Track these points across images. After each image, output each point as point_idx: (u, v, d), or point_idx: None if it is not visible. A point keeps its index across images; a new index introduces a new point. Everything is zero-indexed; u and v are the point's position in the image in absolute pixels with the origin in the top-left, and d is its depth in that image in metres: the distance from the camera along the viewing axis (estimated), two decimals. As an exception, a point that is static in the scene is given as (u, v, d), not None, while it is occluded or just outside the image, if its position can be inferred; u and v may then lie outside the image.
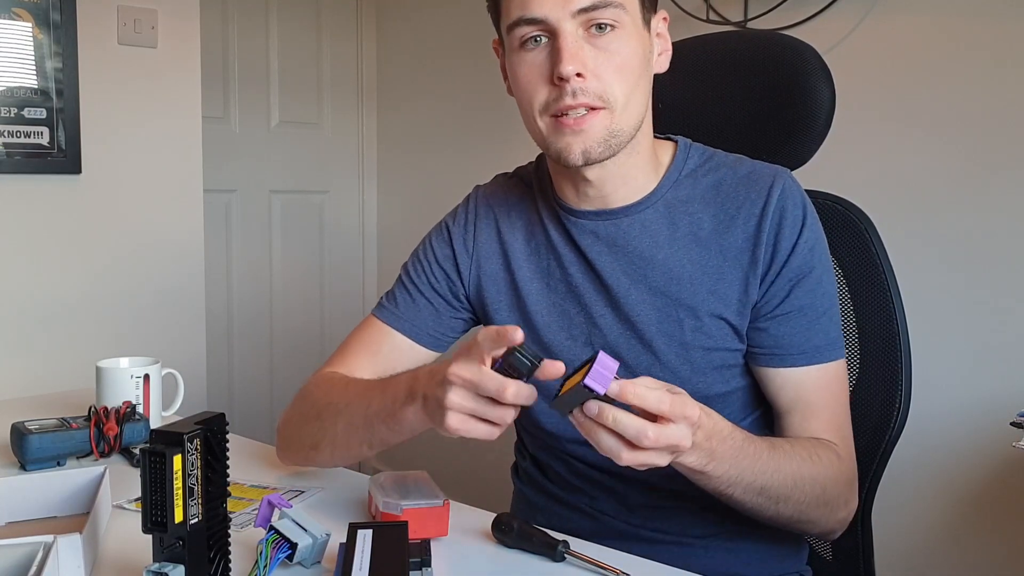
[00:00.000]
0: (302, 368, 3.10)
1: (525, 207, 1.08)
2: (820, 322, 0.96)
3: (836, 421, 0.98)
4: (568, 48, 0.89)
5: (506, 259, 1.07)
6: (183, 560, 0.68)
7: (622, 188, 0.99)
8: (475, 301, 1.09)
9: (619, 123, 0.92)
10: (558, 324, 1.02)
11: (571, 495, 1.06)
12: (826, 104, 1.09)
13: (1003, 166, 1.63)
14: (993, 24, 1.63)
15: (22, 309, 2.10)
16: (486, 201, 1.11)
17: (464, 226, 1.10)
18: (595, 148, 0.92)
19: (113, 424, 1.13)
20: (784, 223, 0.95)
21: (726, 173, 1.00)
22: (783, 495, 0.89)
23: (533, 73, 0.92)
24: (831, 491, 0.93)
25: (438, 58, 2.93)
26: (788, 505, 0.90)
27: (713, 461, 0.82)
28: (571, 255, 1.02)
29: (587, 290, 1.01)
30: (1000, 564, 1.65)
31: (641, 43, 0.94)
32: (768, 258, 0.95)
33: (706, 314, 0.96)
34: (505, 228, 1.08)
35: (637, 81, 0.93)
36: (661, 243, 0.98)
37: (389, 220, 3.22)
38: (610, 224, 1.00)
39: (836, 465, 0.94)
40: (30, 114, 2.06)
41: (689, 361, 0.97)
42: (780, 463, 0.88)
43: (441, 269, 1.10)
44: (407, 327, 1.10)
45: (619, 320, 0.99)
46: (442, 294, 1.10)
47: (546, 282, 1.04)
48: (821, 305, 0.97)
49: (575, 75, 0.89)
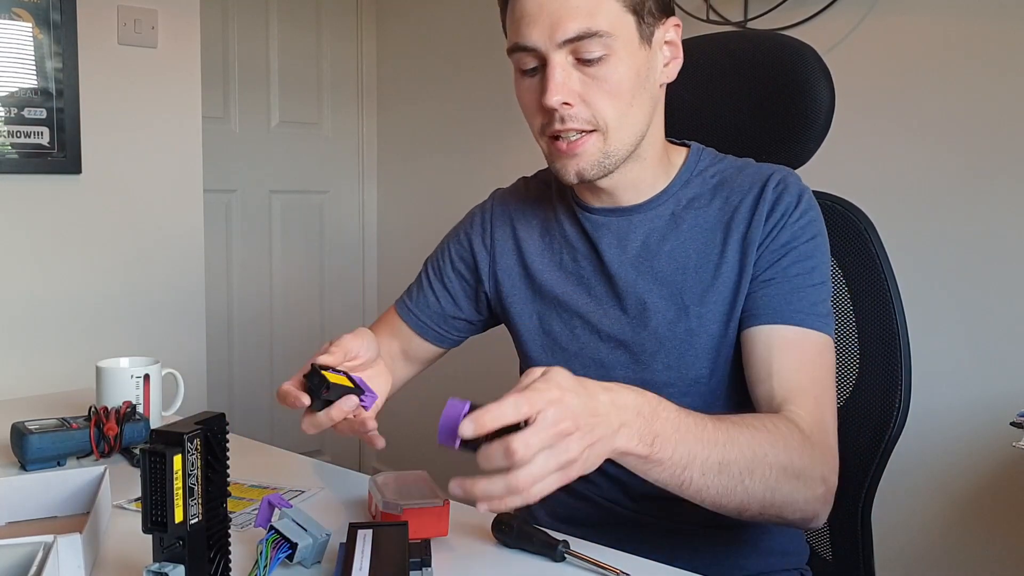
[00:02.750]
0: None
1: (543, 205, 1.13)
2: (805, 291, 0.96)
3: (810, 391, 0.92)
4: (555, 79, 0.91)
5: (520, 254, 1.12)
6: (183, 560, 0.68)
7: (631, 191, 1.03)
8: (493, 297, 1.14)
9: (612, 144, 0.95)
10: (568, 312, 1.07)
11: (576, 483, 1.06)
12: (826, 104, 1.09)
13: (1003, 166, 1.63)
14: (993, 24, 1.63)
15: (22, 309, 2.10)
16: (502, 201, 1.17)
17: (481, 225, 1.16)
18: (589, 170, 0.96)
19: (113, 424, 1.13)
20: (779, 201, 0.98)
21: (733, 171, 1.03)
22: (745, 467, 0.82)
23: (529, 98, 0.97)
24: (797, 462, 0.85)
25: (438, 58, 2.93)
26: (755, 480, 0.82)
27: (656, 439, 0.76)
28: (584, 248, 1.06)
29: (596, 281, 1.05)
30: (1000, 564, 1.65)
31: (635, 63, 0.93)
32: (763, 231, 0.98)
33: (711, 300, 0.98)
34: (520, 225, 1.13)
35: (631, 101, 0.94)
36: (668, 235, 1.02)
37: (389, 220, 3.22)
38: (622, 220, 1.04)
39: (798, 435, 0.87)
40: (30, 114, 2.06)
41: (693, 347, 0.99)
42: (732, 433, 0.82)
43: (456, 270, 1.17)
44: (413, 320, 1.18)
45: (624, 310, 1.02)
46: (453, 293, 1.17)
47: (561, 272, 1.08)
48: (809, 279, 0.96)
49: (562, 104, 0.92)
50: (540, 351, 1.09)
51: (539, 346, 1.09)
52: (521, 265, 1.12)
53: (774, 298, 0.96)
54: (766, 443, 0.83)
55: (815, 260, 0.98)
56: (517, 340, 1.13)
